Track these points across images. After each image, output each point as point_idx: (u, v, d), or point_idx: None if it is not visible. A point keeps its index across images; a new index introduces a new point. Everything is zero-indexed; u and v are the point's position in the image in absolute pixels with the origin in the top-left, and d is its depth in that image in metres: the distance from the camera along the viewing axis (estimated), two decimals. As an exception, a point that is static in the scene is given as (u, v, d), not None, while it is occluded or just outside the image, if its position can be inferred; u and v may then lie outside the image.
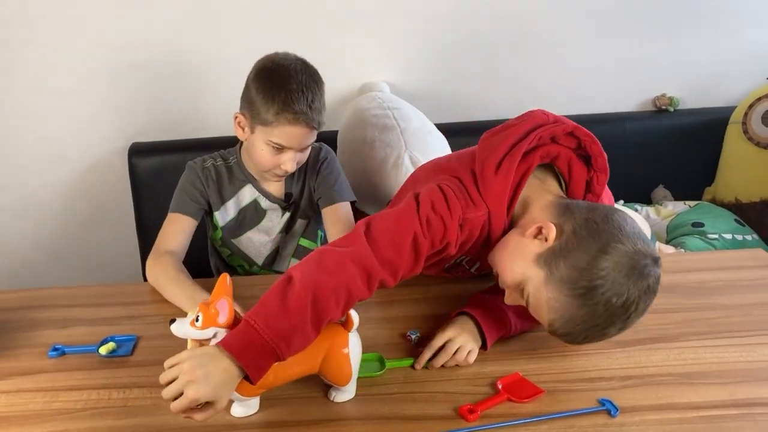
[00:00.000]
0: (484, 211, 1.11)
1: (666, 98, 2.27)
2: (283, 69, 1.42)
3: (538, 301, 1.04)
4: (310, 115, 1.40)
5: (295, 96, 1.39)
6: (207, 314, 0.96)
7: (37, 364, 1.18)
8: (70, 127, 2.13)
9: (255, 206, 1.59)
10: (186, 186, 1.55)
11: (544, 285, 1.02)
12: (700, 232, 1.98)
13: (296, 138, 1.42)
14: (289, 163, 1.45)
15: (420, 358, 1.13)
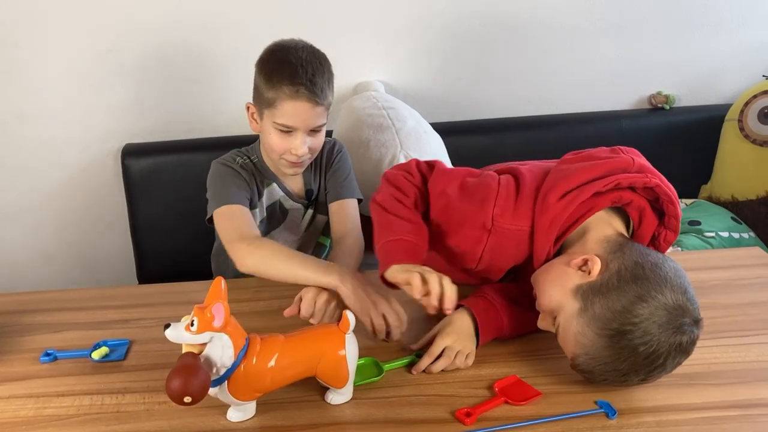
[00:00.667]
0: (524, 227, 1.10)
1: (662, 96, 2.27)
2: (284, 48, 1.41)
3: (567, 332, 1.03)
4: (312, 88, 1.36)
5: (294, 69, 1.36)
6: (202, 318, 0.94)
7: (28, 370, 1.16)
8: (62, 128, 2.12)
9: (279, 205, 1.56)
10: (230, 179, 1.44)
11: (575, 317, 1.02)
12: (697, 231, 1.97)
13: (300, 115, 1.38)
14: (299, 146, 1.40)
15: (419, 364, 1.12)
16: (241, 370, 0.97)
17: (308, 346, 1.02)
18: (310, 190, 1.57)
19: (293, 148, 1.41)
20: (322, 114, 1.41)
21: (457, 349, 1.13)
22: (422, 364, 1.12)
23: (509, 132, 2.20)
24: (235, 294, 1.33)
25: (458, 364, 1.12)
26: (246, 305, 1.34)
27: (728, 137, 2.20)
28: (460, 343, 1.13)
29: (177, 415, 1.03)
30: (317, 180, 1.58)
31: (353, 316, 1.03)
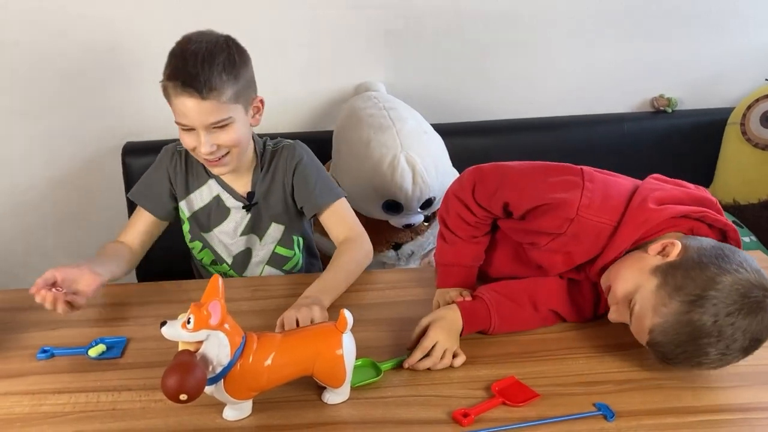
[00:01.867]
0: (608, 221, 1.12)
1: (664, 99, 2.26)
2: (185, 39, 1.34)
3: (644, 308, 1.03)
4: (191, 82, 1.26)
5: (178, 63, 1.29)
6: (199, 316, 0.94)
7: (25, 366, 1.16)
8: (62, 126, 2.12)
9: (218, 203, 1.49)
10: (152, 174, 1.50)
11: (655, 291, 1.02)
12: (698, 234, 1.97)
13: (189, 112, 1.28)
14: (202, 145, 1.31)
15: (411, 358, 1.12)
16: (238, 369, 0.96)
17: (305, 345, 1.02)
18: (252, 193, 1.48)
19: (197, 146, 1.33)
20: (216, 109, 1.29)
21: (446, 346, 1.13)
22: (414, 358, 1.11)
23: (510, 134, 2.19)
24: (232, 293, 1.33)
25: (446, 363, 1.12)
26: (243, 304, 1.33)
27: (730, 141, 2.19)
28: (450, 341, 1.14)
29: (173, 414, 1.03)
30: (265, 182, 1.48)
31: (350, 315, 1.02)
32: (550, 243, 1.19)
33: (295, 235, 1.56)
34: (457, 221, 1.30)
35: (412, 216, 1.88)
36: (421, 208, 1.88)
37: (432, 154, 1.87)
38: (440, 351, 1.12)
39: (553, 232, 1.17)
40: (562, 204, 1.14)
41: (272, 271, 1.57)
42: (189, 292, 1.37)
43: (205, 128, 1.31)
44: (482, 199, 1.25)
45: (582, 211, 1.12)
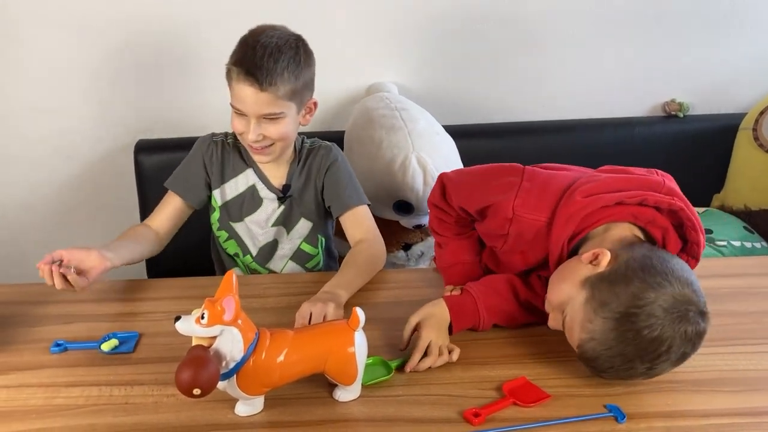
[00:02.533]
0: (541, 218, 1.14)
1: (676, 104, 2.25)
2: (255, 31, 1.41)
3: (573, 321, 1.04)
4: (256, 74, 1.33)
5: (246, 52, 1.35)
6: (213, 312, 0.94)
7: (38, 360, 1.17)
8: (76, 122, 2.13)
9: (252, 192, 1.54)
10: (189, 162, 1.54)
11: (582, 305, 1.03)
12: (709, 239, 1.96)
13: (245, 99, 1.36)
14: (250, 132, 1.38)
15: (411, 361, 1.13)
16: (251, 365, 0.97)
17: (317, 342, 1.02)
18: (288, 185, 1.53)
19: (245, 132, 1.40)
20: (271, 102, 1.36)
21: (440, 343, 1.14)
22: (414, 360, 1.12)
23: (522, 136, 2.19)
24: (246, 290, 1.33)
25: (444, 360, 1.13)
26: (256, 301, 1.34)
27: (742, 146, 2.19)
28: (443, 337, 1.16)
29: (185, 408, 1.03)
30: (301, 178, 1.53)
31: (362, 313, 1.02)
32: (504, 245, 1.21)
33: (319, 234, 1.60)
34: (440, 225, 1.37)
35: (423, 217, 1.87)
36: (432, 209, 1.88)
37: (443, 155, 1.87)
38: (436, 349, 1.14)
39: (500, 234, 1.20)
40: (499, 205, 1.18)
41: (294, 267, 1.60)
42: (201, 288, 1.37)
43: (257, 117, 1.37)
44: (452, 201, 1.31)
45: (517, 210, 1.16)
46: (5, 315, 1.30)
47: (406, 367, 1.12)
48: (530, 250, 1.20)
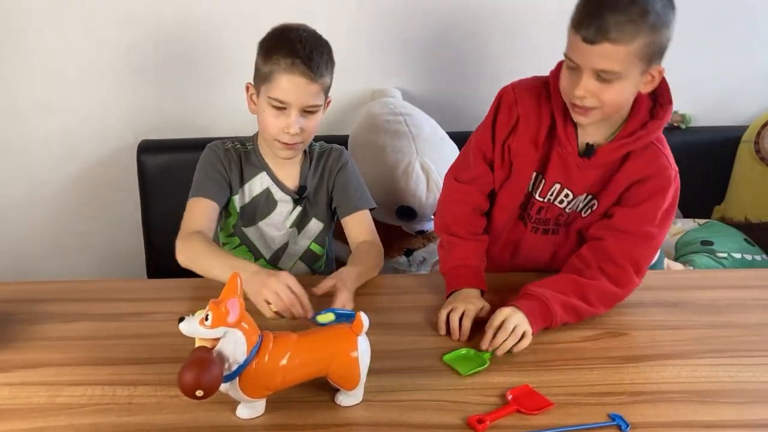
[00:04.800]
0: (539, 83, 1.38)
1: (678, 115, 2.25)
2: (286, 27, 1.43)
3: None
4: (308, 63, 1.36)
5: (293, 44, 1.37)
6: (217, 313, 0.94)
7: (42, 358, 1.16)
8: (80, 122, 2.13)
9: (267, 195, 1.54)
10: (207, 168, 1.50)
11: None
12: (709, 251, 1.97)
13: (294, 90, 1.37)
14: (292, 124, 1.39)
15: (484, 338, 1.18)
16: (253, 367, 0.96)
17: (321, 346, 1.02)
18: (304, 187, 1.54)
19: (286, 126, 1.39)
20: (317, 93, 1.40)
21: (514, 323, 1.18)
22: (487, 337, 1.18)
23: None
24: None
25: (516, 335, 1.16)
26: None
27: (743, 159, 2.20)
28: (517, 318, 1.19)
29: (188, 409, 1.03)
30: (315, 179, 1.55)
31: (366, 318, 1.02)
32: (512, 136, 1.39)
33: (327, 235, 1.61)
34: (455, 213, 1.43)
35: (426, 223, 1.89)
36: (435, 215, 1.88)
37: (447, 160, 1.86)
38: (510, 325, 1.17)
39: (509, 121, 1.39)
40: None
41: (303, 267, 1.61)
42: (203, 290, 1.37)
43: (300, 109, 1.39)
44: (465, 174, 1.44)
45: (514, 86, 1.44)
46: (7, 312, 1.30)
47: (481, 345, 1.17)
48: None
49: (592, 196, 1.36)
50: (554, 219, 1.41)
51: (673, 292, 1.42)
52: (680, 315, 1.33)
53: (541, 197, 1.39)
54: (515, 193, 1.40)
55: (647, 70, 1.22)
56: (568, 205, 1.38)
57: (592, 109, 1.23)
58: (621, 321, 1.30)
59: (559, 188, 1.36)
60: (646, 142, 1.29)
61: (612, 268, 1.29)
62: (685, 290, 1.43)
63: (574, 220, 1.40)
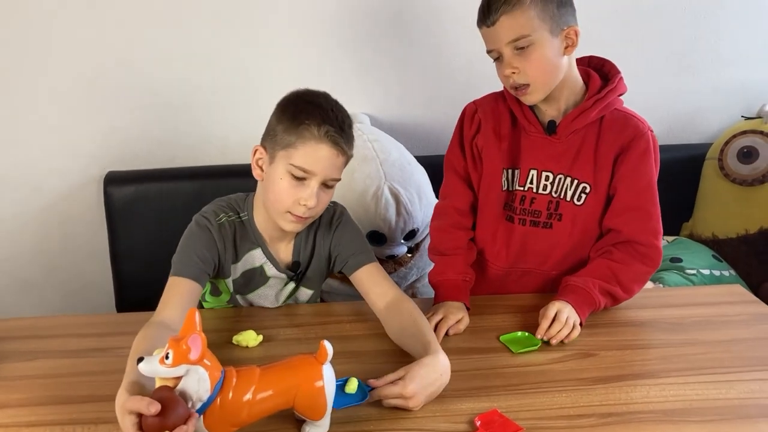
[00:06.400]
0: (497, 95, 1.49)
1: (643, 134, 2.28)
2: (311, 94, 1.31)
3: None
4: (341, 134, 1.26)
5: (326, 112, 1.26)
6: (178, 351, 0.91)
7: (0, 398, 1.13)
8: (44, 155, 2.10)
9: (260, 272, 1.42)
10: (196, 246, 1.33)
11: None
12: (678, 268, 1.98)
13: (321, 160, 1.25)
14: (311, 196, 1.26)
15: (540, 329, 1.28)
16: (218, 404, 0.94)
17: (285, 377, 1.00)
18: (297, 263, 1.43)
19: (303, 198, 1.26)
20: (341, 167, 1.30)
21: (566, 314, 1.29)
22: (542, 327, 1.28)
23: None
24: (210, 324, 1.31)
25: (569, 326, 1.28)
26: (224, 335, 1.32)
27: (709, 176, 2.22)
28: (568, 310, 1.30)
29: (151, 448, 1.00)
30: (308, 249, 1.43)
31: (330, 346, 1.01)
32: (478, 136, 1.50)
33: (316, 298, 1.53)
34: (436, 233, 1.53)
35: (396, 247, 1.88)
36: (405, 239, 1.88)
37: (416, 185, 1.88)
38: (563, 317, 1.28)
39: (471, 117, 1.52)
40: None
41: None
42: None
43: (321, 182, 1.28)
44: (442, 194, 1.55)
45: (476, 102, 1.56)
46: (-34, 353, 1.27)
47: (537, 334, 1.29)
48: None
49: (579, 181, 1.41)
50: (545, 209, 1.44)
51: (643, 311, 1.43)
52: (649, 334, 1.34)
53: (520, 186, 1.44)
54: (492, 190, 1.47)
55: (559, 32, 1.32)
56: (553, 189, 1.42)
57: (527, 85, 1.33)
58: (590, 342, 1.30)
59: (537, 173, 1.43)
60: (604, 106, 1.38)
61: (639, 249, 1.39)
62: (654, 308, 1.44)
63: (569, 211, 1.43)
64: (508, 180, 1.46)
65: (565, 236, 1.44)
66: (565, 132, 1.39)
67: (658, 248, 1.40)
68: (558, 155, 1.41)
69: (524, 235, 1.47)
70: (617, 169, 1.39)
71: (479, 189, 1.49)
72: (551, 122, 1.40)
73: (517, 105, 1.43)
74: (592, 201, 1.41)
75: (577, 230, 1.44)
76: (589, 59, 1.47)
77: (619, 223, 1.40)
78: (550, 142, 1.41)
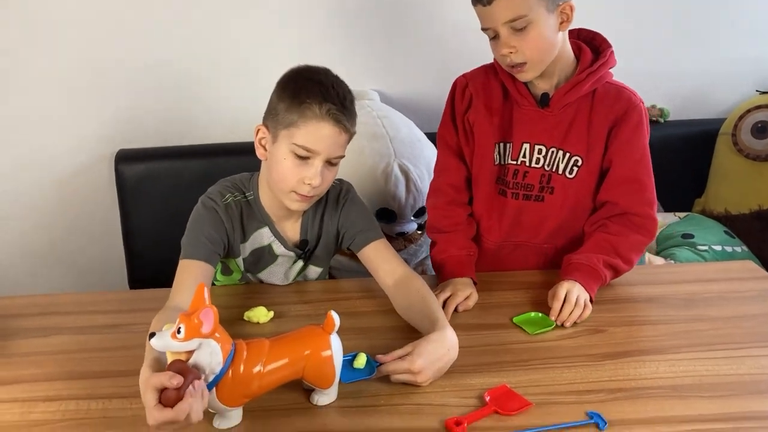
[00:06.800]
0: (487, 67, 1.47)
1: (656, 109, 2.27)
2: (311, 71, 1.29)
3: None
4: (343, 111, 1.23)
5: (327, 89, 1.24)
6: (190, 325, 0.92)
7: (15, 374, 1.15)
8: (56, 133, 2.11)
9: (269, 250, 1.41)
10: (205, 228, 1.31)
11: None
12: (690, 244, 1.97)
13: (323, 139, 1.24)
14: (315, 175, 1.25)
15: (552, 311, 1.27)
16: (229, 376, 0.95)
17: (294, 348, 1.02)
18: (305, 241, 1.42)
19: (307, 177, 1.25)
20: (344, 145, 1.29)
21: (576, 293, 1.28)
22: (555, 309, 1.27)
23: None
24: (221, 300, 1.33)
25: (581, 305, 1.27)
26: (235, 312, 1.33)
27: (722, 151, 2.20)
28: (578, 290, 1.29)
29: (164, 422, 1.01)
30: (315, 227, 1.42)
31: (337, 316, 1.02)
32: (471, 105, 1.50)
33: (325, 275, 1.52)
34: (433, 211, 1.53)
35: (406, 224, 1.88)
36: (415, 216, 1.87)
37: (425, 161, 1.87)
38: (573, 297, 1.27)
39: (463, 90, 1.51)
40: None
41: None
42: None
43: (325, 160, 1.26)
44: (436, 171, 1.54)
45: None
46: (-20, 329, 1.28)
47: (550, 315, 1.27)
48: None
49: (571, 154, 1.41)
50: (537, 183, 1.44)
51: (653, 287, 1.42)
52: (659, 310, 1.33)
53: (513, 160, 1.44)
54: (484, 164, 1.46)
55: (555, 8, 1.30)
56: (545, 162, 1.42)
57: (524, 63, 1.32)
58: (600, 318, 1.30)
59: (530, 147, 1.43)
60: (596, 79, 1.38)
61: (635, 220, 1.40)
62: (664, 285, 1.43)
63: (561, 184, 1.43)
64: (500, 154, 1.45)
65: (556, 209, 1.45)
66: (558, 105, 1.39)
67: (653, 218, 1.42)
68: (550, 128, 1.41)
69: (517, 208, 1.47)
70: (611, 141, 1.39)
71: (472, 164, 1.49)
72: (544, 95, 1.40)
73: (509, 79, 1.42)
74: (584, 174, 1.41)
75: (569, 203, 1.44)
76: (578, 32, 1.45)
77: (614, 195, 1.41)
78: (543, 115, 1.41)
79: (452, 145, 1.50)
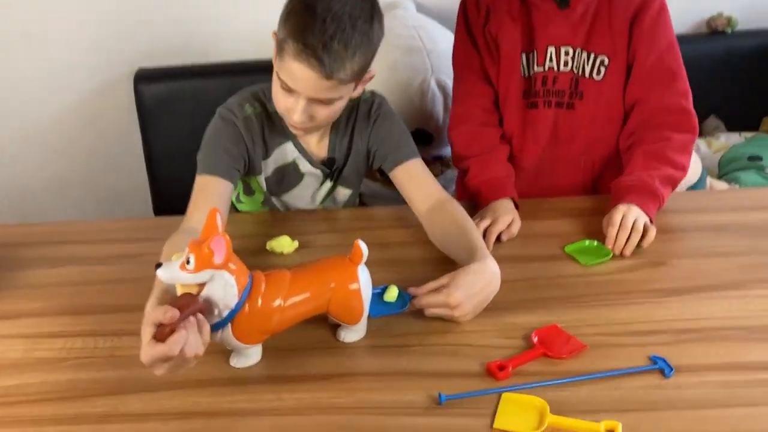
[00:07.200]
0: None
1: (722, 18, 2.11)
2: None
3: None
4: (320, 55, 1.09)
5: (311, 24, 1.10)
6: (200, 254, 0.85)
7: (20, 307, 1.11)
8: (72, 51, 2.06)
9: (294, 168, 1.33)
10: (223, 141, 1.24)
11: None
12: (758, 167, 1.85)
13: (299, 79, 1.13)
14: (294, 111, 1.17)
15: (607, 240, 1.19)
16: (246, 311, 0.89)
17: (318, 280, 0.95)
18: (332, 159, 1.34)
19: (290, 110, 1.19)
20: (330, 89, 1.15)
21: (633, 216, 1.19)
22: (610, 236, 1.18)
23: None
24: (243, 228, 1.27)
25: (638, 230, 1.17)
26: (256, 240, 1.26)
27: (796, 64, 2.04)
28: (634, 212, 1.20)
29: (176, 362, 0.95)
30: (344, 145, 1.33)
31: (365, 246, 0.95)
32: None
33: (355, 198, 1.44)
34: (463, 137, 1.44)
35: (443, 147, 1.80)
36: (453, 138, 1.78)
37: (465, 78, 1.77)
38: (630, 221, 1.18)
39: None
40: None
41: None
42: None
43: (308, 99, 1.17)
44: (459, 96, 1.47)
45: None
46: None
47: (606, 243, 1.19)
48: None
49: (596, 54, 1.38)
50: (569, 88, 1.41)
51: (719, 215, 1.32)
52: (727, 240, 1.22)
53: (540, 66, 1.41)
54: (512, 78, 1.42)
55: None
56: (574, 65, 1.40)
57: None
58: (660, 248, 1.19)
59: (555, 50, 1.39)
60: None
61: (669, 120, 1.34)
62: (732, 212, 1.33)
63: (590, 88, 1.40)
64: (525, 65, 1.42)
65: (588, 116, 1.41)
66: (578, 2, 1.36)
67: (689, 110, 1.35)
68: (573, 27, 1.38)
69: (550, 119, 1.43)
70: (633, 32, 1.36)
71: (498, 81, 1.44)
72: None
73: None
74: (613, 73, 1.38)
75: (601, 109, 1.41)
76: None
77: (643, 90, 1.37)
78: (564, 14, 1.37)
79: (474, 65, 1.44)
